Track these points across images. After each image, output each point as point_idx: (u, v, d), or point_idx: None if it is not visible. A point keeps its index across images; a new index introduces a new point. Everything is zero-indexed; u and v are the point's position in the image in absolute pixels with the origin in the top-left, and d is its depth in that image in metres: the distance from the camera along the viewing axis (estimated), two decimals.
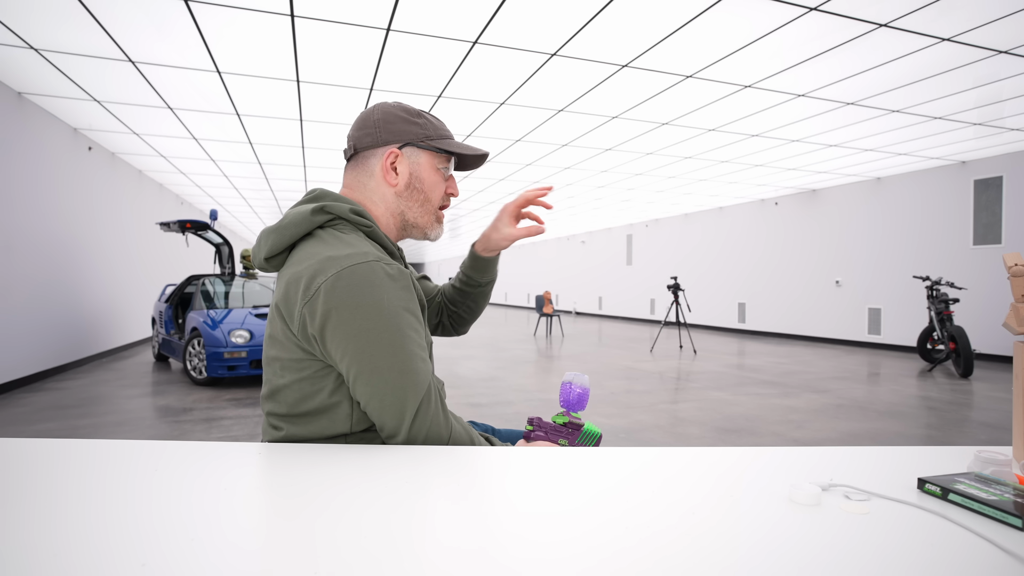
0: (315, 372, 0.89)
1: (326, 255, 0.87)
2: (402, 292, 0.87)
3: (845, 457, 0.84)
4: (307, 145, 6.88)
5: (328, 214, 0.94)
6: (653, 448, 0.88)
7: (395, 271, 0.87)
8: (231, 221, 15.12)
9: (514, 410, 4.44)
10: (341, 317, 0.83)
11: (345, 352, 0.83)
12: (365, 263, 0.85)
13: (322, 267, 0.85)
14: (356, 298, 0.83)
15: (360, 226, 0.95)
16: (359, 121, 1.03)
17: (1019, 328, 0.79)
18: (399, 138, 1.01)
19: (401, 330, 0.84)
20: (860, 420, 4.21)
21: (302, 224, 0.93)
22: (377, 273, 0.85)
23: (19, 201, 5.19)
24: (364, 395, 0.85)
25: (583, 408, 1.09)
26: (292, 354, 0.89)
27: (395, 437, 0.86)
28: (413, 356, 0.85)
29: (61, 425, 3.91)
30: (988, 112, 5.57)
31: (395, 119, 1.01)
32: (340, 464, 0.77)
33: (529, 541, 0.55)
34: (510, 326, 13.46)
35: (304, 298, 0.85)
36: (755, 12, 3.54)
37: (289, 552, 0.51)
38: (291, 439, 0.91)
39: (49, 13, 3.56)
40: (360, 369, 0.83)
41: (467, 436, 0.94)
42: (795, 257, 10.30)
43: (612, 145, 6.83)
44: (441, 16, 3.60)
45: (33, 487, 0.67)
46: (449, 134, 1.06)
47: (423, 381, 0.85)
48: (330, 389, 0.89)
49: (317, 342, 0.85)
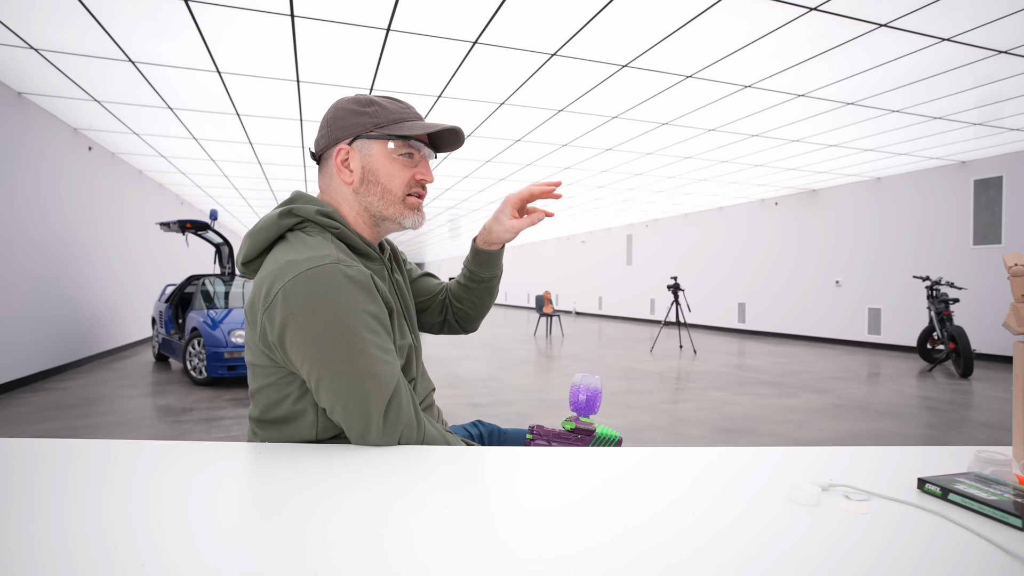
0: (279, 379, 0.88)
1: (286, 259, 0.86)
2: (361, 293, 0.85)
3: (845, 457, 0.84)
4: (307, 145, 6.89)
5: (296, 216, 0.93)
6: (653, 448, 0.88)
7: (354, 272, 0.85)
8: (231, 221, 15.13)
9: (514, 410, 4.44)
10: (298, 323, 0.81)
11: (304, 358, 0.82)
12: (322, 266, 0.83)
13: (281, 272, 0.84)
14: (312, 303, 0.81)
15: (328, 228, 0.93)
16: (319, 126, 1.01)
17: (1019, 328, 0.79)
18: (348, 132, 0.96)
19: (359, 333, 0.82)
20: (860, 420, 4.21)
21: (271, 228, 0.93)
22: (334, 276, 0.83)
23: (19, 201, 5.19)
24: (328, 401, 0.83)
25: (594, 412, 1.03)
26: (260, 360, 0.89)
27: (364, 442, 0.84)
28: (374, 359, 0.83)
29: (61, 425, 3.91)
30: (988, 112, 5.57)
31: (344, 113, 0.97)
32: (340, 464, 0.77)
33: (527, 537, 0.55)
34: (510, 326, 13.46)
35: (264, 304, 0.84)
36: (755, 12, 3.54)
37: (289, 552, 0.51)
38: None
39: (49, 13, 3.56)
40: (320, 375, 0.82)
41: (441, 439, 0.93)
42: (795, 257, 10.30)
43: (612, 145, 6.83)
44: (441, 16, 3.59)
45: (33, 487, 0.67)
46: (408, 117, 0.98)
47: (386, 384, 0.84)
48: (295, 396, 0.88)
49: (278, 349, 0.85)
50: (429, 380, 1.11)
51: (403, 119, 0.98)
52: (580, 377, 1.06)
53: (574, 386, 1.05)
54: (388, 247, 1.10)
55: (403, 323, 0.99)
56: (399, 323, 0.96)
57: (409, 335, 1.00)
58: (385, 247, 1.09)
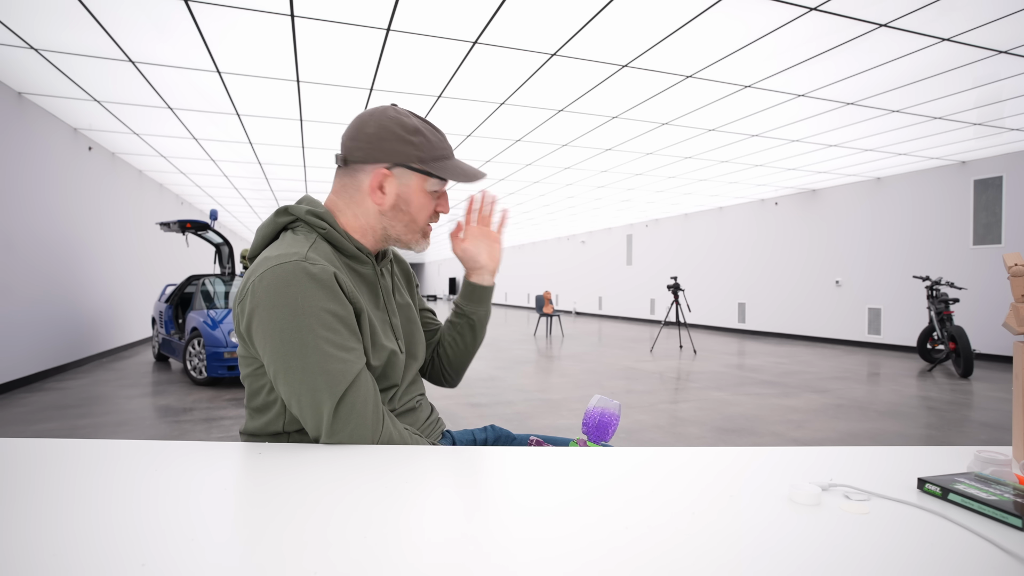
0: (255, 370, 0.92)
1: (265, 255, 0.91)
2: (320, 291, 0.86)
3: (845, 457, 0.84)
4: (307, 145, 6.88)
5: (289, 215, 0.97)
6: (652, 448, 0.88)
7: (317, 270, 0.86)
8: (231, 221, 15.12)
9: (514, 410, 4.43)
10: (260, 317, 0.85)
11: (265, 351, 0.86)
12: (287, 263, 0.86)
13: (256, 267, 0.89)
14: (274, 298, 0.85)
15: (315, 227, 0.96)
16: (353, 129, 0.99)
17: (1019, 328, 0.80)
18: (391, 158, 0.96)
19: (313, 330, 0.84)
20: (860, 420, 4.21)
21: (269, 227, 0.98)
22: (296, 273, 0.85)
23: (19, 201, 5.19)
24: (284, 394, 0.87)
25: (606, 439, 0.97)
26: (243, 351, 0.93)
27: (319, 438, 0.87)
28: (327, 356, 0.85)
29: (61, 425, 3.91)
30: (988, 112, 5.57)
31: (390, 136, 0.96)
32: (341, 464, 0.77)
33: (527, 536, 0.55)
34: (510, 326, 13.46)
35: (240, 297, 0.89)
36: (755, 12, 3.54)
37: (289, 552, 0.51)
38: (245, 432, 0.96)
39: (50, 13, 3.56)
40: (277, 369, 0.86)
41: (399, 439, 0.93)
42: (795, 257, 10.30)
43: (612, 145, 6.83)
44: (441, 16, 3.60)
45: (33, 487, 0.67)
46: (447, 152, 1.01)
47: (339, 381, 0.85)
48: (268, 387, 0.92)
49: (248, 341, 0.89)
50: (421, 386, 1.12)
51: (443, 156, 1.00)
52: (597, 399, 1.00)
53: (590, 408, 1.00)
54: (389, 254, 1.11)
55: (387, 328, 0.99)
56: (378, 326, 0.96)
57: (395, 340, 0.99)
58: (387, 253, 1.09)
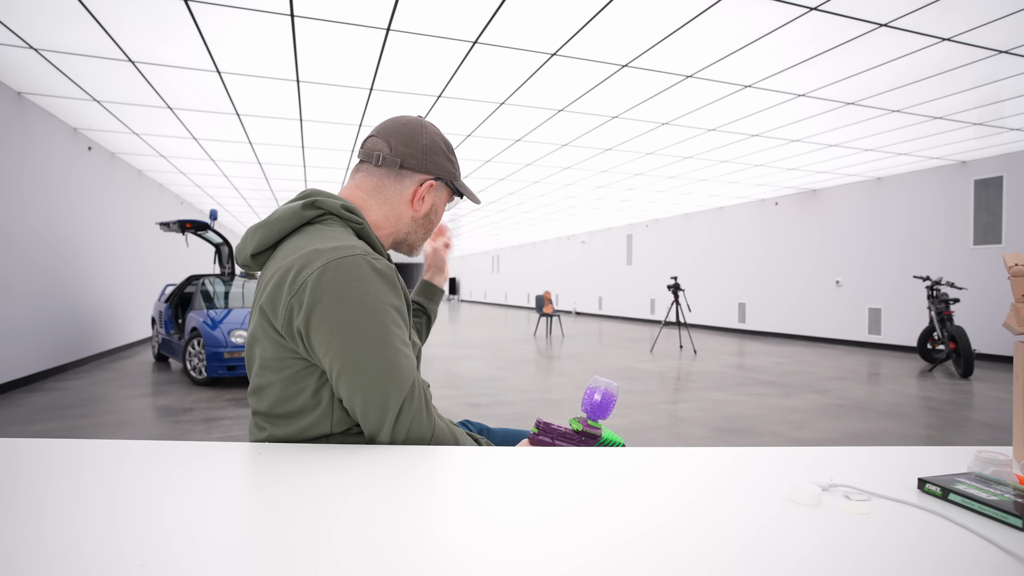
0: (297, 372, 0.87)
1: (311, 248, 0.86)
2: (387, 287, 0.86)
3: (845, 457, 0.84)
4: (307, 145, 6.88)
5: (319, 209, 0.94)
6: (653, 448, 0.88)
7: (382, 265, 0.86)
8: (231, 221, 15.12)
9: (514, 410, 4.44)
10: (325, 311, 0.82)
11: (329, 347, 0.82)
12: (351, 256, 0.84)
13: (308, 260, 0.84)
14: (341, 292, 0.82)
15: (350, 222, 0.95)
16: (406, 135, 1.01)
17: (1019, 328, 0.80)
18: (438, 172, 1.05)
19: (385, 326, 0.83)
20: (860, 420, 4.20)
21: (292, 219, 0.93)
22: (363, 267, 0.84)
23: (19, 201, 5.19)
24: (347, 391, 0.83)
25: (604, 417, 1.02)
26: (275, 353, 0.88)
27: (378, 435, 0.85)
28: (397, 352, 0.84)
29: (61, 425, 3.91)
30: (988, 112, 5.57)
31: (439, 152, 1.05)
32: (341, 464, 0.77)
33: (527, 536, 0.55)
34: (510, 326, 13.46)
35: (291, 291, 0.84)
36: (755, 12, 3.54)
37: (289, 552, 0.51)
38: (274, 439, 0.90)
39: (50, 13, 3.56)
40: (344, 365, 0.82)
41: (451, 436, 0.93)
42: (795, 257, 10.30)
43: (612, 145, 6.83)
44: (441, 16, 3.59)
45: (33, 487, 0.67)
46: (460, 174, 1.14)
47: (407, 378, 0.84)
48: (313, 389, 0.87)
49: (302, 337, 0.84)
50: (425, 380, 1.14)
51: (459, 176, 1.13)
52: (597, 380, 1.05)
53: (590, 387, 1.05)
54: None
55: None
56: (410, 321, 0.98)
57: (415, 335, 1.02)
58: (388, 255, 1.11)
